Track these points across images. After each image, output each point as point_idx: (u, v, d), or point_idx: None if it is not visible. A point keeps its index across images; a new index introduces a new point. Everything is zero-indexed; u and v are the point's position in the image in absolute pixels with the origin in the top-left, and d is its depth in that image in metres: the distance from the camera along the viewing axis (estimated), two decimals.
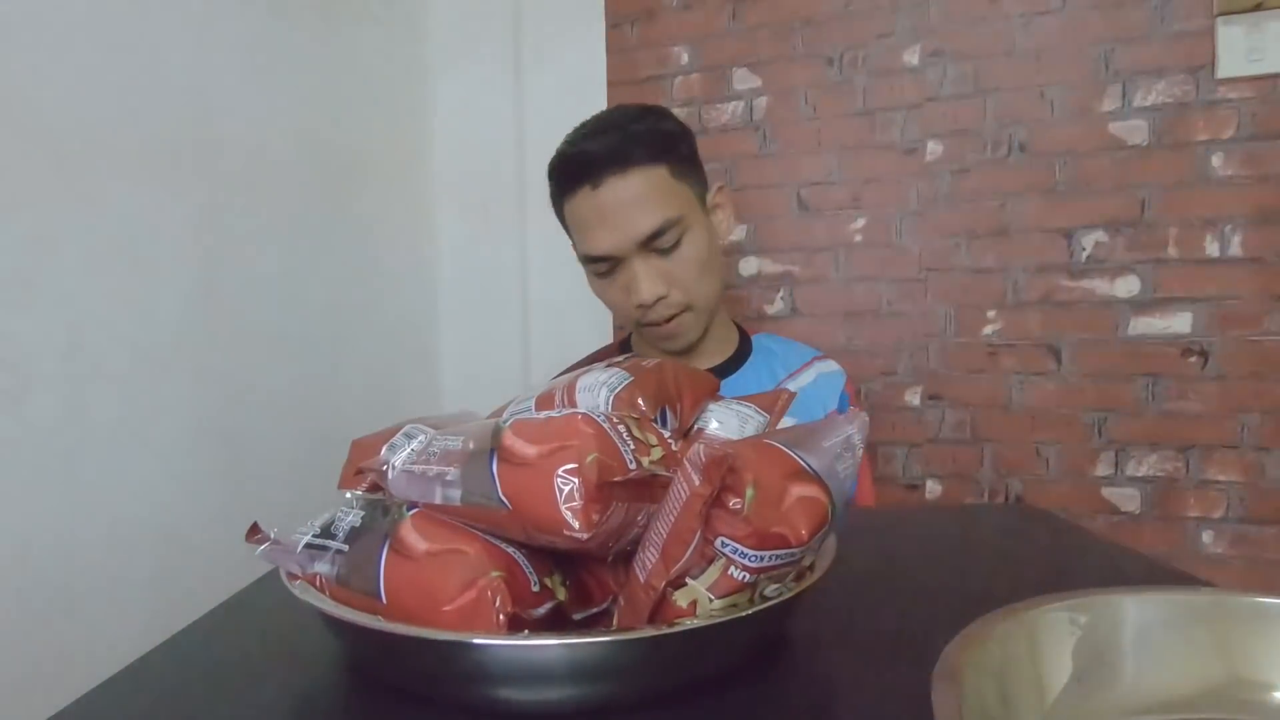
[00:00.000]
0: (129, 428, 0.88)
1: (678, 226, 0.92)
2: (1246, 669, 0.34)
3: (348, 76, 1.34)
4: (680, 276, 0.93)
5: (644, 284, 0.91)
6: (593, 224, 0.92)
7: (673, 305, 0.93)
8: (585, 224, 0.93)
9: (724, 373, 1.00)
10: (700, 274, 0.94)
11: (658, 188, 0.91)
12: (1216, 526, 1.30)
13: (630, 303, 0.93)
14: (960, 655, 0.30)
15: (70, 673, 0.48)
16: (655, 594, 0.37)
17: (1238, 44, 1.26)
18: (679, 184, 0.94)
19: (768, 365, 1.04)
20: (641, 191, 0.91)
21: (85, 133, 0.84)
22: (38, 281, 0.79)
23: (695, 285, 0.94)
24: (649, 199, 0.91)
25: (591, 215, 0.92)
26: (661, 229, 0.90)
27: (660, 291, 0.92)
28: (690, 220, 0.93)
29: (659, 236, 0.91)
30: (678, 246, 0.92)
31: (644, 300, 0.91)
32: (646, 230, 0.90)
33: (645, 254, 0.92)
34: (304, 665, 0.46)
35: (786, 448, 0.40)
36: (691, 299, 0.94)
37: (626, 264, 0.93)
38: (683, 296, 0.93)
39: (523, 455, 0.38)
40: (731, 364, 1.03)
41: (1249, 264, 1.28)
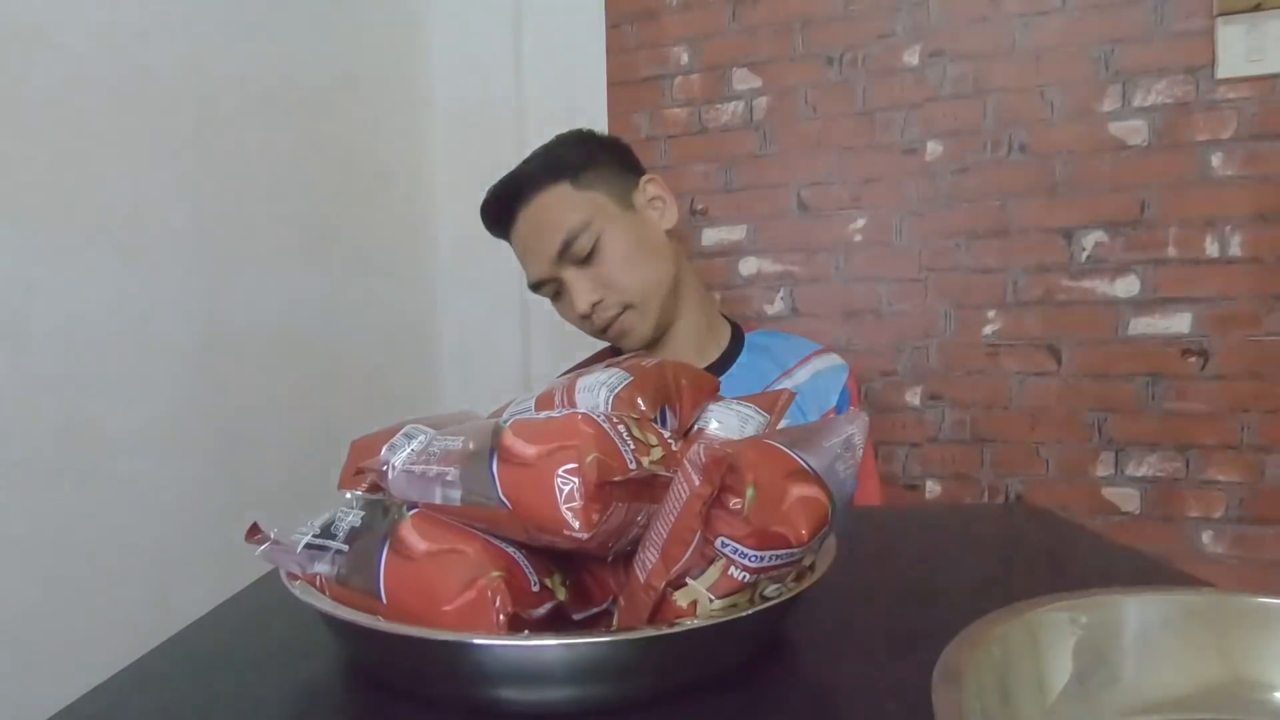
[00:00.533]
0: (128, 427, 0.88)
1: (587, 232, 0.95)
2: (1247, 669, 0.34)
3: (348, 78, 1.34)
4: (608, 277, 0.96)
5: (576, 296, 0.96)
6: (521, 257, 1.02)
7: (611, 306, 0.97)
8: (520, 259, 1.02)
9: (714, 371, 1.00)
10: (628, 270, 0.97)
11: (560, 203, 0.97)
12: (1216, 526, 1.30)
13: (577, 317, 0.99)
14: (961, 655, 0.30)
15: (70, 672, 0.48)
16: (655, 594, 0.37)
17: (1238, 44, 1.26)
18: (584, 193, 0.98)
19: (758, 364, 1.04)
20: (544, 213, 0.97)
21: (85, 131, 0.84)
22: (38, 281, 0.79)
23: (627, 282, 0.97)
24: (551, 217, 0.97)
25: (519, 249, 1.01)
26: (569, 239, 0.95)
27: (592, 298, 0.96)
28: (602, 222, 0.97)
29: (570, 246, 0.95)
30: (597, 251, 0.96)
31: (581, 311, 0.96)
32: (556, 245, 0.95)
33: (570, 267, 0.97)
34: (304, 665, 0.46)
35: (786, 448, 0.40)
36: (628, 296, 0.97)
37: (563, 284, 0.98)
38: (618, 296, 0.97)
39: (523, 455, 0.38)
40: (720, 364, 1.03)
41: (1249, 264, 1.28)
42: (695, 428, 0.51)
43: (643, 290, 0.98)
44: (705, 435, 0.49)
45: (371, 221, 1.39)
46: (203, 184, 1.00)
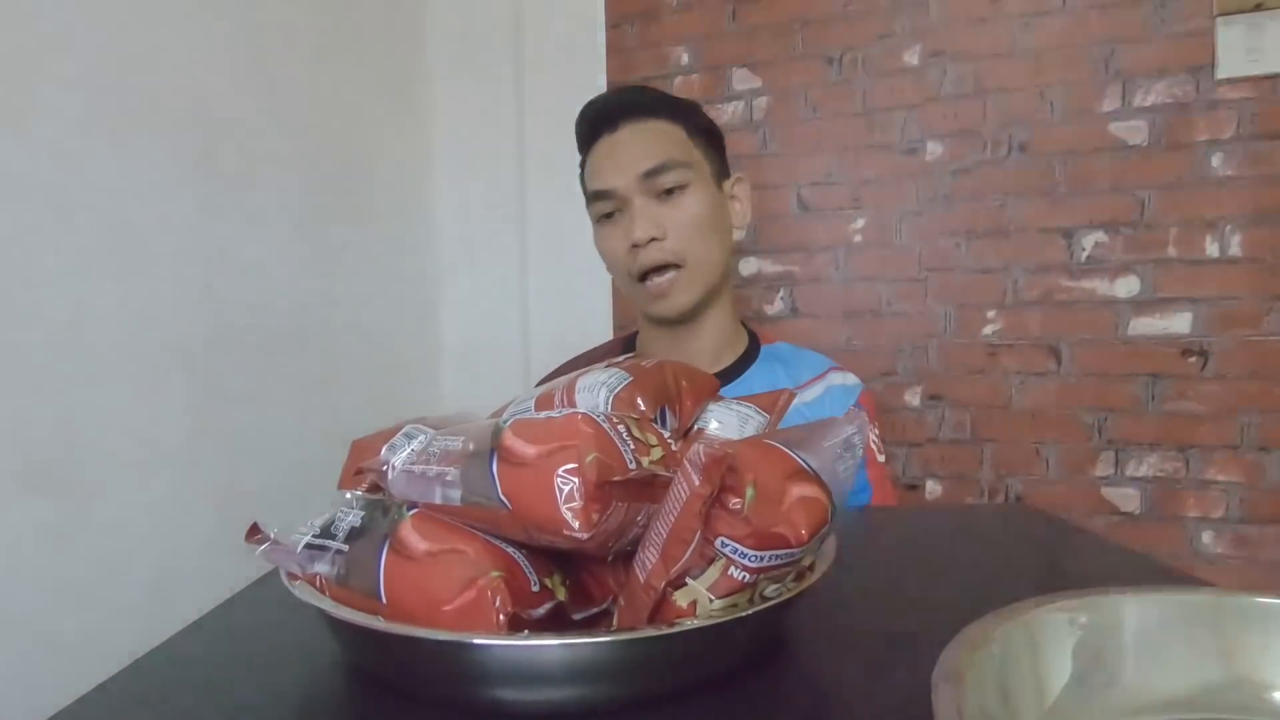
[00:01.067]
0: (128, 427, 0.88)
1: (681, 171, 0.94)
2: (1247, 669, 0.34)
3: (349, 78, 1.34)
4: (677, 225, 0.93)
5: (639, 221, 0.93)
6: (603, 163, 0.96)
7: (665, 253, 0.93)
8: (597, 165, 0.97)
9: (725, 378, 0.98)
10: (697, 233, 0.94)
11: (669, 137, 0.96)
12: (1216, 526, 1.30)
13: (625, 244, 0.94)
14: (960, 655, 0.30)
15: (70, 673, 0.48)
16: (655, 594, 0.37)
17: (1238, 44, 1.26)
18: (692, 145, 0.97)
19: (772, 375, 1.01)
20: (652, 137, 0.95)
21: (85, 132, 0.84)
22: (38, 280, 0.79)
23: (691, 241, 0.94)
24: (658, 142, 0.95)
25: (604, 155, 0.97)
26: (664, 166, 0.93)
27: (654, 232, 0.93)
28: (697, 179, 0.96)
29: (660, 173, 0.93)
30: (681, 193, 0.94)
31: (637, 238, 0.92)
32: (649, 164, 0.93)
33: (646, 197, 0.94)
34: (304, 665, 0.46)
35: (786, 448, 0.40)
36: (685, 255, 0.94)
37: (628, 209, 0.94)
38: (674, 247, 0.94)
39: (522, 455, 0.38)
40: (734, 370, 1.00)
41: (1249, 264, 1.28)
42: (695, 428, 0.51)
43: (698, 259, 0.95)
44: (705, 435, 0.49)
45: (372, 222, 1.39)
46: (203, 184, 1.00)
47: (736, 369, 1.01)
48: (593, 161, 0.99)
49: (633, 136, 0.96)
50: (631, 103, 0.98)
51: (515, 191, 1.62)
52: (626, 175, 0.94)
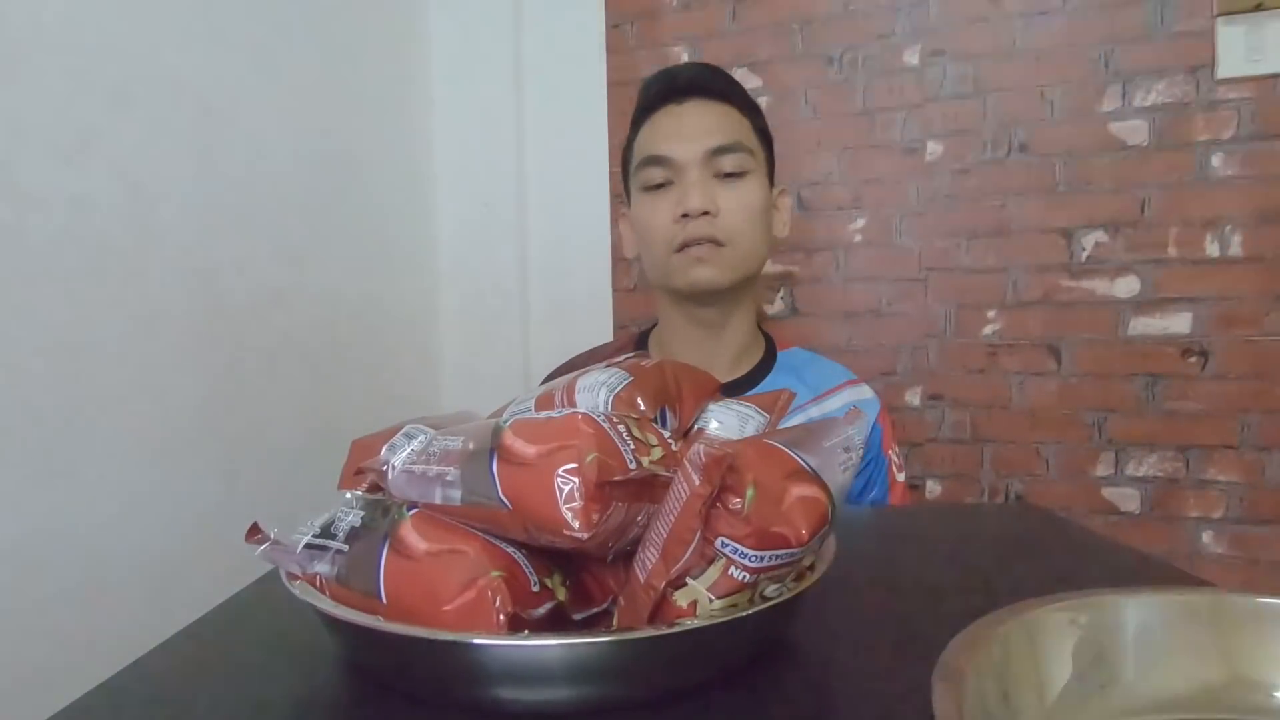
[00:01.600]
0: (128, 427, 0.88)
1: (745, 156, 0.93)
2: (1247, 669, 0.34)
3: (348, 78, 1.34)
4: (731, 208, 0.92)
5: (696, 192, 0.91)
6: (668, 130, 0.94)
7: (715, 228, 0.91)
8: (660, 130, 0.95)
9: (743, 386, 0.96)
10: (748, 219, 0.93)
11: (738, 123, 0.95)
12: (1216, 526, 1.30)
13: (675, 213, 0.92)
14: (961, 655, 0.30)
15: (70, 672, 0.48)
16: (655, 594, 0.37)
17: (1238, 44, 1.26)
18: (757, 141, 0.97)
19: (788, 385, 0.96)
20: (722, 118, 0.94)
21: (85, 133, 0.84)
22: (38, 280, 0.79)
23: (740, 226, 0.93)
24: (727, 124, 0.94)
25: (670, 123, 0.95)
26: (731, 147, 0.92)
27: (708, 206, 0.91)
28: (757, 170, 0.95)
29: (726, 153, 0.92)
30: (740, 179, 0.93)
31: (691, 208, 0.90)
32: (718, 142, 0.92)
33: (706, 173, 0.92)
34: (304, 665, 0.46)
35: (786, 448, 0.40)
36: (732, 236, 0.92)
37: (682, 180, 0.93)
38: (726, 225, 0.92)
39: (523, 455, 0.38)
40: (752, 378, 0.98)
41: (1249, 264, 1.28)
42: (695, 428, 0.51)
43: (743, 244, 0.94)
44: (705, 435, 0.49)
45: (372, 222, 1.39)
46: (203, 185, 1.00)
47: (754, 376, 0.99)
48: (653, 127, 0.96)
49: (702, 112, 0.94)
50: (706, 81, 0.96)
51: (515, 191, 1.62)
52: (692, 147, 0.92)
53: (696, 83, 0.95)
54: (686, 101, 0.94)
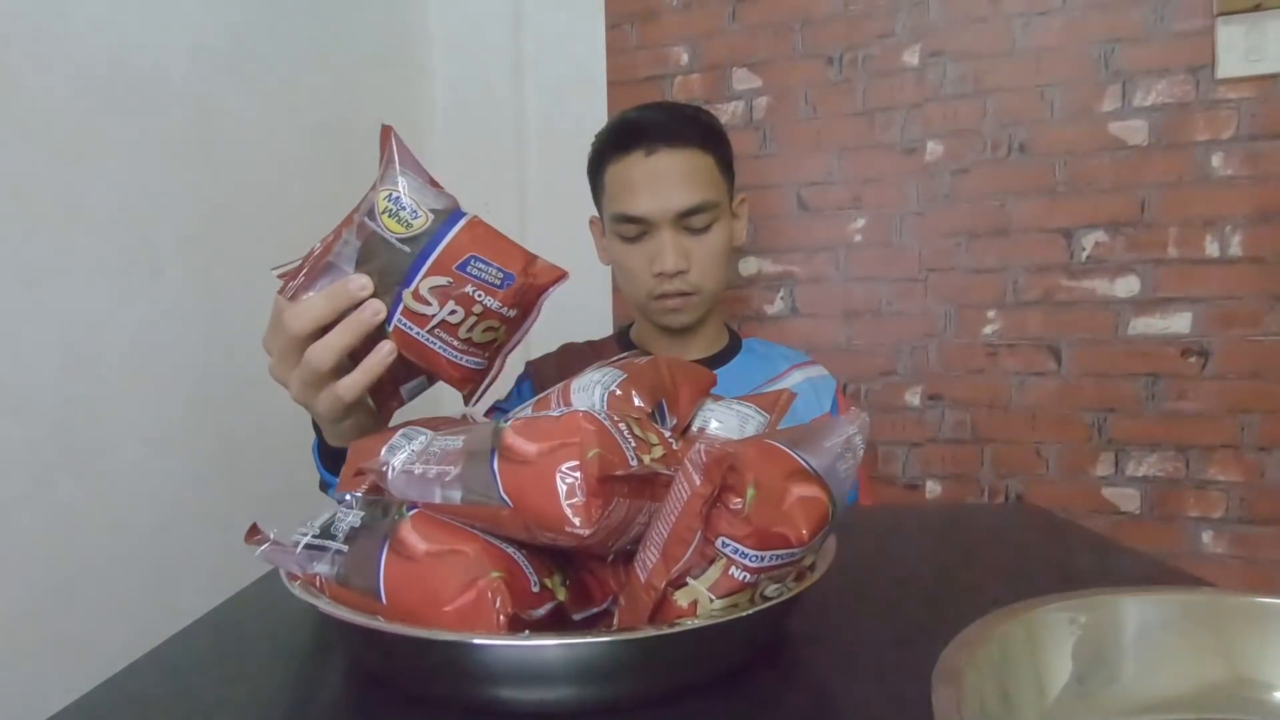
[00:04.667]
0: (129, 427, 0.88)
1: (712, 212, 0.99)
2: (1246, 669, 0.34)
3: (348, 78, 1.34)
4: (700, 260, 0.99)
5: (670, 254, 0.97)
6: (639, 186, 0.98)
7: (688, 284, 0.99)
8: (630, 185, 0.99)
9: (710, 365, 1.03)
10: (714, 265, 1.01)
11: (704, 172, 1.00)
12: (1216, 526, 1.30)
13: (650, 270, 0.99)
14: (960, 655, 0.30)
15: (70, 673, 0.48)
16: (656, 594, 0.37)
17: (1238, 44, 1.26)
18: (720, 178, 1.02)
19: (749, 363, 1.08)
20: (690, 169, 0.98)
21: (88, 134, 0.84)
22: (38, 280, 0.79)
23: (710, 273, 1.00)
24: (695, 178, 0.98)
25: (639, 178, 0.98)
26: (700, 208, 0.97)
27: (683, 265, 0.98)
28: (722, 213, 1.01)
29: (695, 214, 0.98)
30: (707, 231, 0.99)
31: (666, 269, 0.97)
32: (687, 204, 0.97)
33: (677, 228, 0.98)
34: (304, 665, 0.46)
35: (787, 447, 0.40)
36: (703, 285, 1.00)
37: (656, 234, 0.98)
38: (698, 279, 0.99)
39: (524, 453, 0.38)
40: (717, 360, 1.07)
41: (1249, 264, 1.28)
42: (695, 427, 0.51)
43: (714, 287, 1.02)
44: (705, 435, 0.49)
45: None
46: (204, 186, 1.00)
47: (718, 361, 1.07)
48: (623, 178, 1.00)
49: (670, 167, 0.98)
50: (669, 127, 1.00)
51: (516, 193, 1.62)
52: (663, 208, 0.97)
53: (662, 130, 0.99)
54: (656, 152, 0.98)
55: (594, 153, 1.06)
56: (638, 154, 0.99)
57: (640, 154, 0.98)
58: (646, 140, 0.98)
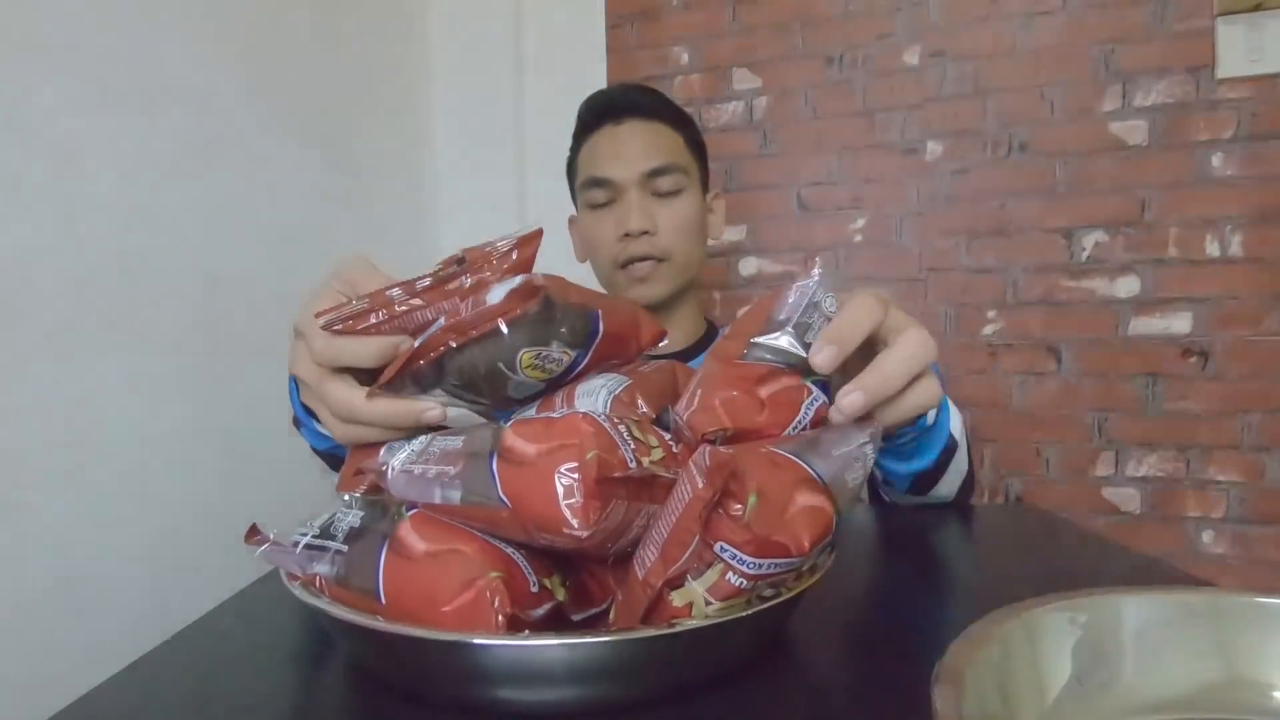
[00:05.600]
0: (129, 427, 0.88)
1: (680, 176, 1.00)
2: (1247, 669, 0.34)
3: (350, 79, 1.34)
4: (668, 225, 1.00)
5: (635, 213, 0.98)
6: (605, 153, 1.01)
7: (654, 248, 0.99)
8: (598, 153, 1.02)
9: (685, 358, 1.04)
10: (684, 234, 1.01)
11: (672, 142, 1.02)
12: (1216, 526, 1.30)
13: (617, 233, 0.99)
14: (961, 655, 0.30)
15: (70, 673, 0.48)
16: (652, 592, 0.37)
17: (1238, 44, 1.26)
18: (689, 155, 1.04)
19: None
20: (657, 138, 1.01)
21: (87, 135, 0.84)
22: (37, 281, 0.79)
23: (677, 240, 1.01)
24: (661, 145, 1.01)
25: (607, 146, 1.01)
26: (667, 168, 0.99)
27: (647, 226, 0.98)
28: (690, 186, 1.02)
29: (662, 175, 0.99)
30: (675, 196, 1.01)
31: (631, 228, 0.98)
32: (653, 164, 0.99)
33: (644, 193, 1.00)
34: (304, 665, 0.46)
35: (796, 456, 0.40)
36: (670, 251, 1.00)
37: (623, 199, 1.00)
38: (666, 244, 1.00)
39: (523, 454, 0.38)
40: (695, 351, 1.07)
41: (1249, 264, 1.28)
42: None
43: (684, 258, 1.02)
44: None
45: (372, 223, 1.39)
46: (205, 186, 1.00)
47: (696, 350, 1.07)
48: (593, 149, 1.03)
49: (636, 133, 1.01)
50: (639, 101, 1.04)
51: (515, 192, 1.62)
52: (629, 169, 0.99)
53: (631, 103, 1.03)
54: (623, 122, 1.01)
55: (572, 146, 1.09)
56: (607, 126, 1.02)
57: (609, 125, 1.02)
58: (614, 112, 1.02)
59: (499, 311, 0.44)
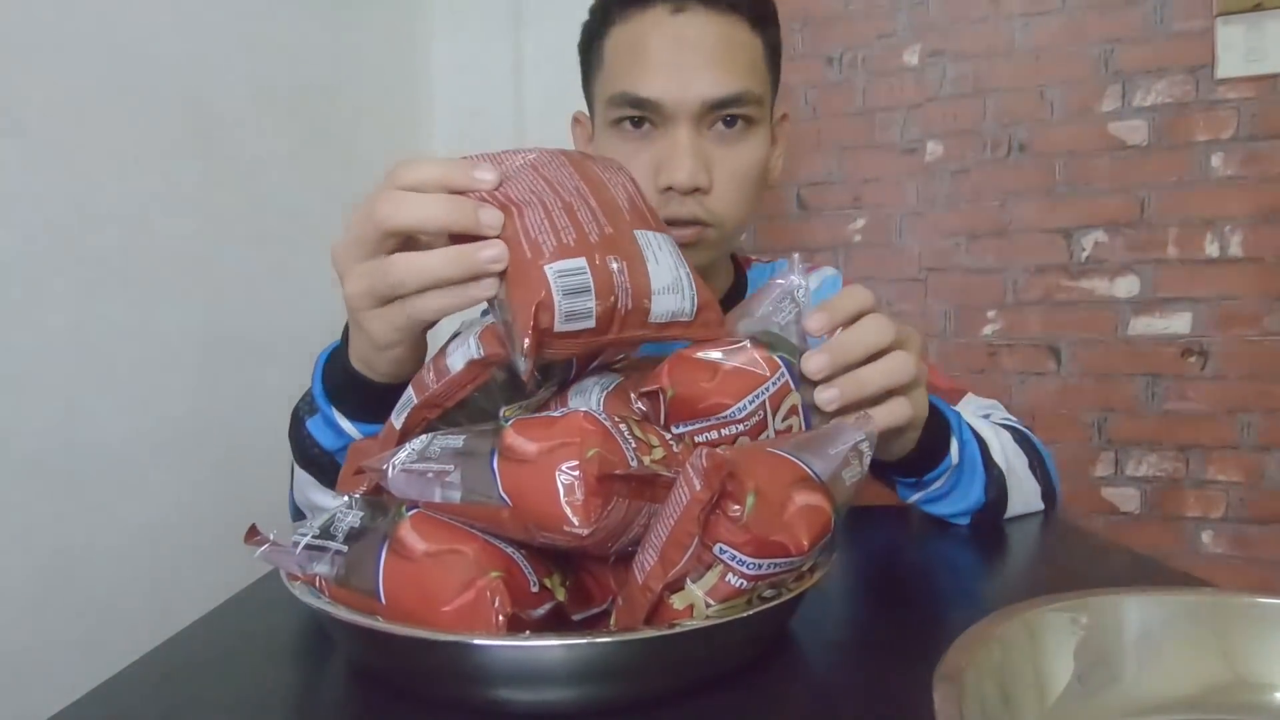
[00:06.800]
0: (129, 429, 0.88)
1: (753, 108, 0.71)
2: (1248, 669, 0.34)
3: (348, 78, 1.34)
4: (726, 180, 0.71)
5: (687, 159, 0.68)
6: (655, 56, 0.70)
7: (705, 211, 0.71)
8: (643, 53, 0.71)
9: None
10: (743, 191, 0.73)
11: (748, 53, 0.72)
12: (1216, 526, 1.30)
13: (656, 182, 0.70)
14: (961, 656, 0.30)
15: (70, 672, 0.48)
16: (652, 596, 0.37)
17: (1238, 44, 1.26)
18: (765, 73, 0.74)
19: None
20: (731, 47, 0.70)
21: (87, 136, 0.84)
22: (37, 281, 0.79)
23: (734, 201, 0.73)
24: (737, 59, 0.70)
25: (658, 44, 0.70)
26: (738, 98, 0.70)
27: (702, 181, 0.69)
28: (762, 120, 0.74)
29: (729, 107, 0.70)
30: (741, 140, 0.72)
31: (679, 181, 0.68)
32: (722, 92, 0.69)
33: (699, 128, 0.70)
34: (304, 665, 0.46)
35: (793, 454, 0.40)
36: (724, 218, 0.72)
37: (670, 130, 0.70)
38: (720, 208, 0.72)
39: (524, 452, 0.38)
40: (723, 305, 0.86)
41: (1248, 264, 1.28)
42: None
43: (735, 223, 0.75)
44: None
45: None
46: (205, 188, 1.00)
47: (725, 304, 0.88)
48: (635, 43, 0.72)
49: (704, 34, 0.70)
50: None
51: None
52: (687, 91, 0.69)
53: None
54: (685, 11, 0.70)
55: (594, 9, 0.80)
56: (658, 10, 0.70)
57: (663, 10, 0.70)
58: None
59: (463, 382, 0.44)
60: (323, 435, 0.62)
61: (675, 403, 0.44)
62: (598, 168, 0.49)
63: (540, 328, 0.40)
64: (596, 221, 0.43)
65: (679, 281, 0.44)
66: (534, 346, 0.40)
